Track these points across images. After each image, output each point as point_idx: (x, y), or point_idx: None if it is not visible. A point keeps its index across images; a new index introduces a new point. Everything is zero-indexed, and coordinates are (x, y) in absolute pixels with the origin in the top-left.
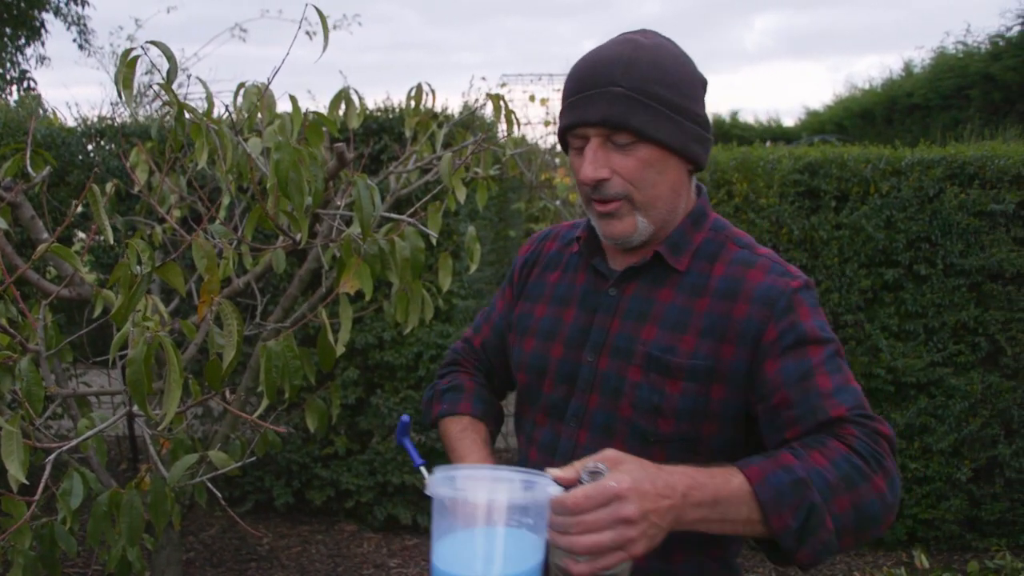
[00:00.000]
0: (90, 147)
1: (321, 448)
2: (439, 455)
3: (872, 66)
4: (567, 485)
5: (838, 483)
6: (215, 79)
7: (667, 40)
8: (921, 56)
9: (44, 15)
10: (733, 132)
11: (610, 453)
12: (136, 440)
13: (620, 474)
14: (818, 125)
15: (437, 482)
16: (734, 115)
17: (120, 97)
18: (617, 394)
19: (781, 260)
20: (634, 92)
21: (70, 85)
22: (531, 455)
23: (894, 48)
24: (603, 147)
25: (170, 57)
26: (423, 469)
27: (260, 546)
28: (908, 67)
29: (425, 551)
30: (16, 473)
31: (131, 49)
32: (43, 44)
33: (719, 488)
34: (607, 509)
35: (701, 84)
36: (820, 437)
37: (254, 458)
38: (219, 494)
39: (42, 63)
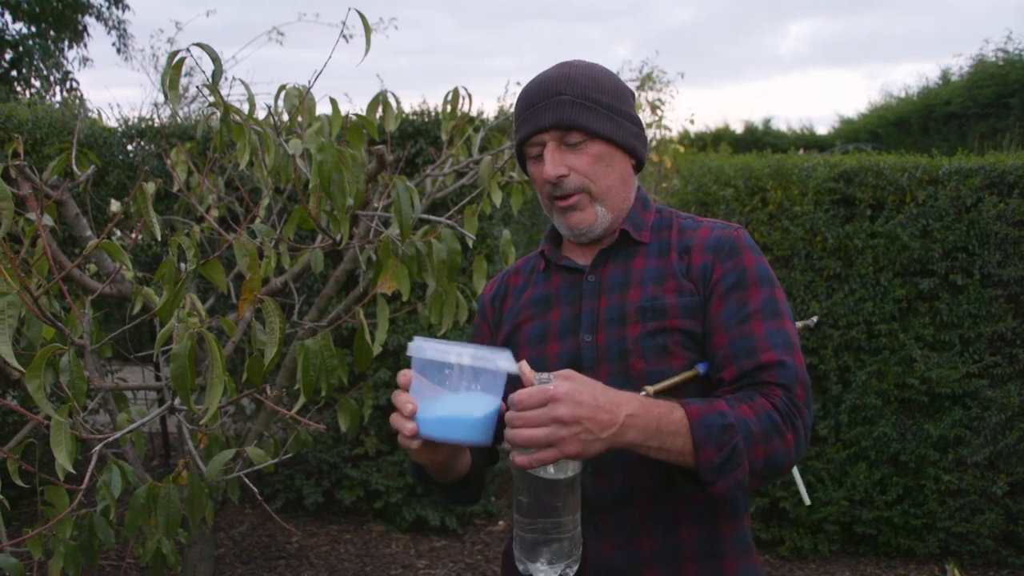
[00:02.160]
0: (130, 147)
1: (351, 448)
2: None
3: (908, 74)
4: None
5: (759, 434)
6: (252, 82)
7: (595, 63)
8: (959, 64)
9: (86, 19)
10: (765, 140)
11: (565, 372)
12: (168, 436)
13: (562, 382)
14: (852, 133)
15: (414, 347)
16: (766, 123)
17: (165, 98)
18: (624, 356)
19: (717, 220)
20: (578, 98)
21: (111, 86)
22: None
23: (932, 56)
24: (558, 149)
25: (215, 59)
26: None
27: (289, 544)
28: (946, 75)
29: (453, 553)
30: (64, 462)
31: (177, 51)
32: (85, 46)
33: (661, 417)
34: (543, 409)
35: (630, 94)
36: (751, 392)
37: (289, 455)
38: (255, 489)
39: (84, 65)
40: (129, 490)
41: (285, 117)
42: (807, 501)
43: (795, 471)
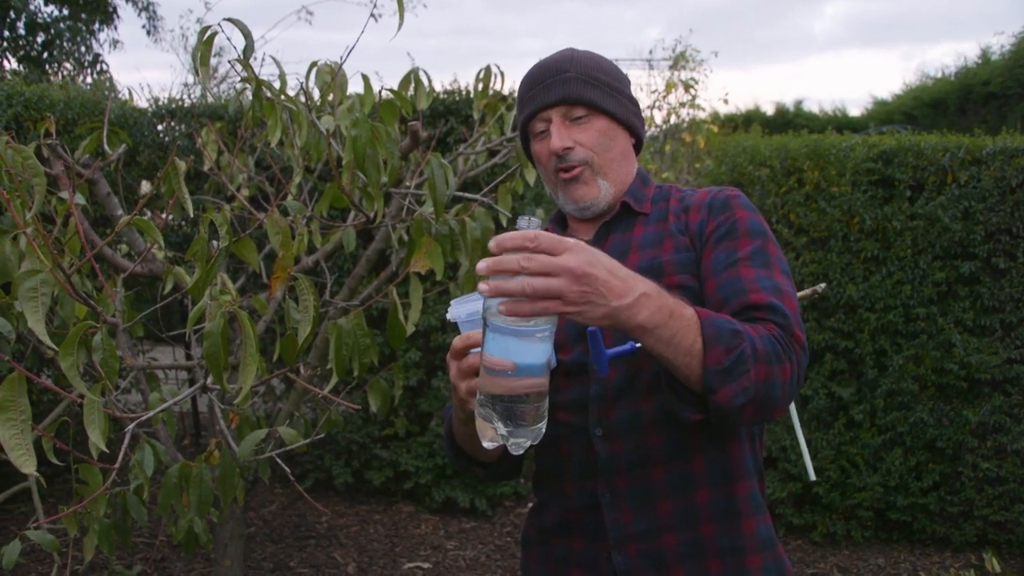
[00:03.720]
0: (160, 127)
1: (381, 429)
2: None
3: (946, 53)
4: None
5: (762, 353)
6: (282, 63)
7: (594, 52)
8: (1000, 42)
9: (116, 1)
10: (797, 122)
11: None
12: (199, 415)
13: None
14: (886, 115)
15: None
16: (798, 104)
17: (196, 74)
18: None
19: (719, 187)
20: (582, 75)
21: (141, 68)
22: (559, 417)
23: (971, 35)
24: (564, 123)
25: (247, 34)
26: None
27: (319, 524)
28: (985, 54)
29: (482, 534)
30: (97, 441)
31: (208, 27)
32: (116, 28)
33: (676, 306)
34: (555, 257)
35: (628, 80)
36: (751, 318)
37: (321, 436)
38: (287, 469)
39: (114, 47)
40: (161, 469)
41: (316, 95)
42: (812, 476)
43: (803, 445)
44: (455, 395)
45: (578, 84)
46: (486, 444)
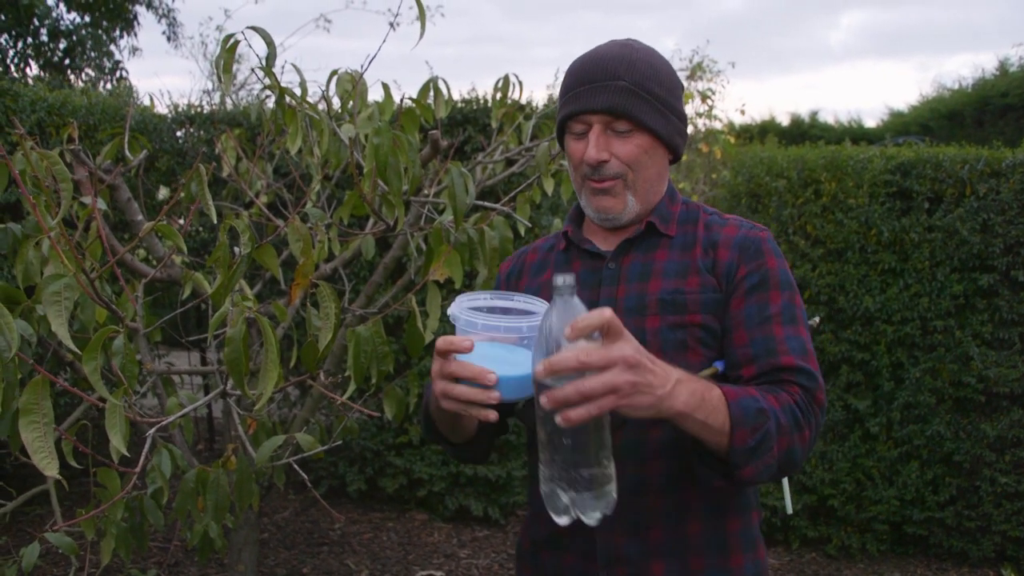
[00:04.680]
0: (179, 133)
1: (395, 436)
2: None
3: (963, 65)
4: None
5: (786, 425)
6: (302, 70)
7: (653, 48)
8: (1019, 54)
9: (137, 8)
10: (812, 132)
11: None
12: (214, 421)
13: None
14: (902, 126)
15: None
16: (813, 115)
17: (219, 80)
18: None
19: (743, 218)
20: (635, 86)
21: (160, 74)
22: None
23: (989, 46)
24: (604, 133)
25: (269, 42)
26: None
27: (332, 530)
28: (1003, 66)
29: (495, 543)
30: (118, 445)
31: (231, 35)
32: (136, 35)
33: (705, 389)
34: (607, 350)
35: (681, 88)
36: (774, 388)
37: (339, 442)
38: (304, 475)
39: (134, 54)
40: (177, 474)
41: (336, 103)
42: (789, 509)
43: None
44: (433, 387)
45: (627, 96)
46: (560, 522)
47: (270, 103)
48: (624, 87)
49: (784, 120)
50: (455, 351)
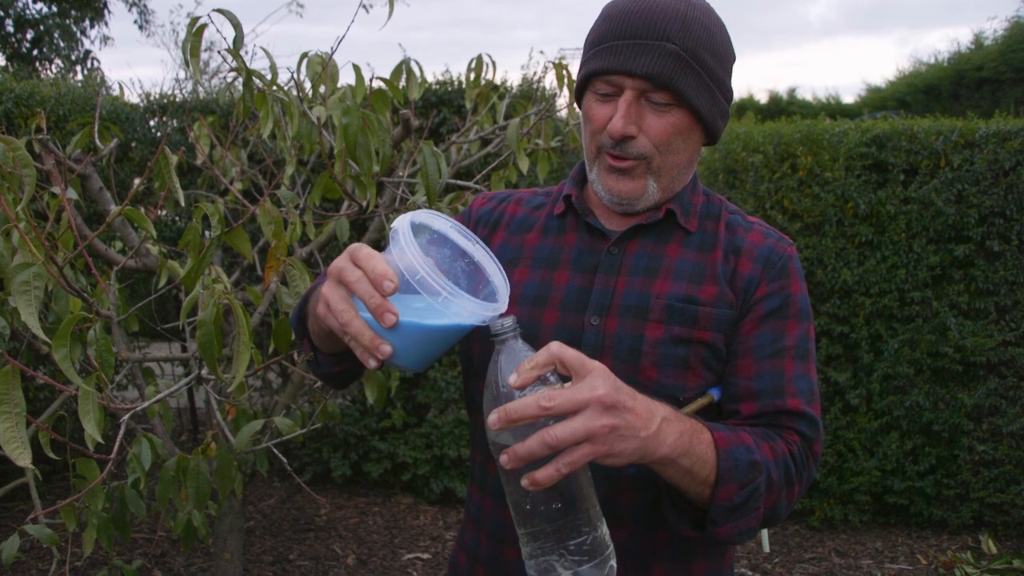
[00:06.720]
0: (152, 123)
1: (378, 421)
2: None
3: (941, 39)
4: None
5: (776, 482)
6: (273, 56)
7: (711, 6)
8: (994, 27)
9: None
10: (790, 110)
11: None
12: (196, 411)
13: (589, 360)
14: (879, 102)
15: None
16: (791, 92)
17: (187, 66)
18: (635, 356)
19: (769, 225)
20: (685, 52)
21: (132, 65)
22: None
23: (967, 20)
24: (636, 102)
25: (236, 25)
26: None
27: (318, 516)
28: (979, 39)
29: None
30: (92, 432)
31: (198, 18)
32: (106, 24)
33: (694, 432)
34: (576, 389)
35: (733, 59)
36: (771, 433)
37: (317, 427)
38: (285, 460)
39: (105, 43)
40: (159, 463)
41: (307, 86)
42: (766, 548)
43: None
44: (319, 305)
45: (675, 64)
46: None
47: (239, 87)
48: (673, 51)
49: (763, 97)
50: (370, 274)
